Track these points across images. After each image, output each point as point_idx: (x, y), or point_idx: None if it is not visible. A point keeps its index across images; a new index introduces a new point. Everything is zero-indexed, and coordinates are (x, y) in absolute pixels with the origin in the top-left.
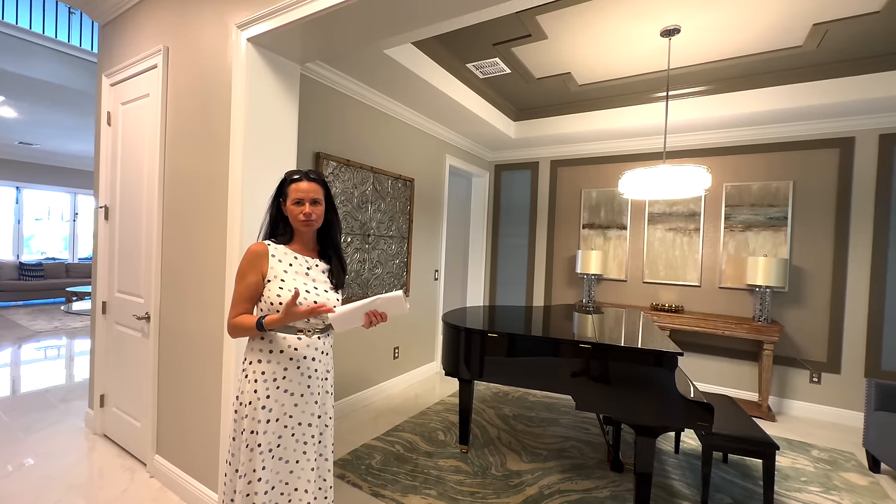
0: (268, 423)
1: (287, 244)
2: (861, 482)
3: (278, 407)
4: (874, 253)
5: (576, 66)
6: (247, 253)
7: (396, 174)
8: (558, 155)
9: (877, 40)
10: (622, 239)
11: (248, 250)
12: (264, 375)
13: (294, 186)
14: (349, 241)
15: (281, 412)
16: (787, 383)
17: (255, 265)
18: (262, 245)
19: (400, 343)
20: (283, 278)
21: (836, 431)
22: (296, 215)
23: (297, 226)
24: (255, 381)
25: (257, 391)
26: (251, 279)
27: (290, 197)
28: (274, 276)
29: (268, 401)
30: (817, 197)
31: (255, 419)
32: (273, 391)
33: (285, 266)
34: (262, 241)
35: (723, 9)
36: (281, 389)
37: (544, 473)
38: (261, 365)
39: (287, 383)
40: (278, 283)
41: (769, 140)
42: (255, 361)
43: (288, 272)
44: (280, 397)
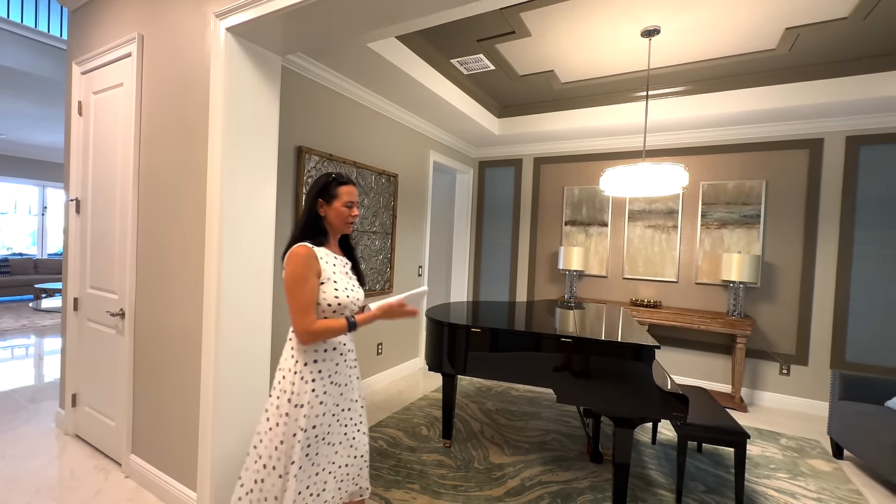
0: (323, 416)
1: (321, 245)
2: (825, 468)
3: (330, 399)
4: (840, 250)
5: (559, 64)
6: (297, 258)
7: (380, 169)
8: (541, 152)
9: (844, 45)
10: (603, 236)
11: (296, 254)
12: (321, 374)
13: (346, 189)
14: None
15: (332, 403)
16: (758, 375)
17: (311, 267)
18: (308, 247)
19: (384, 339)
20: (335, 279)
21: (803, 421)
22: (345, 217)
23: (341, 227)
24: (311, 381)
25: (315, 390)
26: (312, 282)
27: (341, 198)
28: (327, 278)
29: (324, 396)
30: (788, 196)
31: (310, 416)
32: (328, 386)
33: (332, 267)
34: (304, 244)
35: (701, 11)
36: (333, 384)
37: (526, 466)
38: (317, 365)
39: (337, 377)
40: (332, 284)
41: (743, 140)
42: (310, 363)
43: (336, 272)
44: (332, 391)
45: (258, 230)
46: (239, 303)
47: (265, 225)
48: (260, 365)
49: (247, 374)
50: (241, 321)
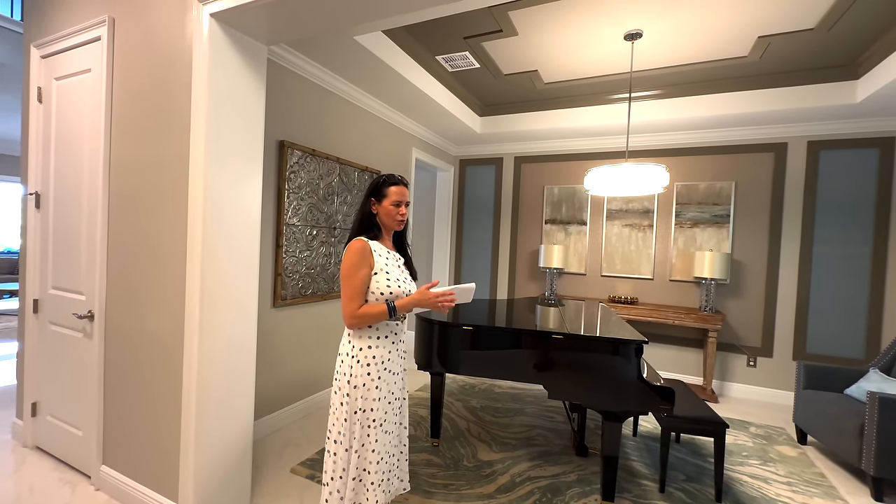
0: (378, 402)
1: (376, 240)
2: (792, 454)
3: (385, 386)
4: (802, 248)
5: (543, 63)
6: (353, 250)
7: (363, 166)
8: (522, 151)
9: (809, 55)
10: (582, 234)
11: (351, 247)
12: (375, 359)
13: (396, 189)
14: (314, 234)
15: (387, 391)
16: (727, 367)
17: (365, 259)
18: (364, 241)
19: None
20: (387, 271)
21: (769, 409)
22: (394, 215)
23: (392, 224)
24: (367, 365)
25: (370, 374)
26: (364, 272)
27: (390, 198)
28: (380, 269)
29: (379, 381)
30: (755, 197)
31: (367, 398)
32: (382, 373)
33: (384, 260)
34: (360, 238)
35: (682, 16)
36: (388, 371)
37: (514, 462)
38: (371, 350)
39: (391, 364)
40: (384, 275)
41: (715, 143)
42: (365, 347)
43: (388, 265)
44: (387, 377)
45: (244, 227)
46: (223, 303)
47: (251, 222)
48: (245, 367)
49: (232, 377)
50: (227, 321)
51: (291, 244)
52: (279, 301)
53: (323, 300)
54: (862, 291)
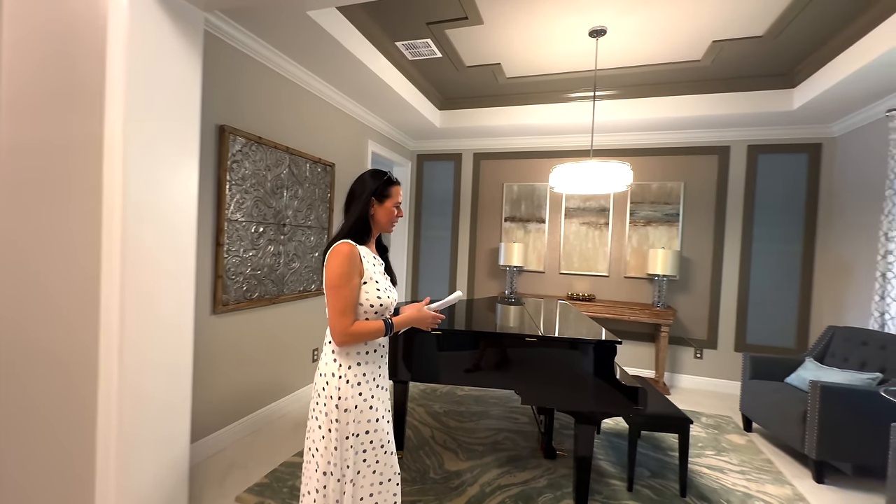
0: (377, 422)
1: (363, 244)
2: (740, 441)
3: (381, 404)
4: (742, 246)
5: (507, 57)
6: (342, 254)
7: (315, 157)
8: (482, 147)
9: (755, 62)
10: (541, 232)
11: (341, 252)
12: (366, 377)
13: (397, 189)
14: (261, 231)
15: (384, 409)
16: (676, 360)
17: (356, 266)
18: (353, 245)
19: (319, 344)
20: (376, 280)
21: (715, 399)
22: (392, 217)
23: (387, 227)
24: (358, 385)
25: (362, 393)
26: (355, 281)
27: (392, 198)
28: (370, 278)
29: (372, 400)
30: (701, 197)
31: (360, 421)
32: (374, 390)
33: (373, 266)
34: (347, 241)
35: (644, 15)
36: (380, 387)
37: (483, 470)
38: (360, 367)
39: (382, 380)
40: (374, 284)
41: (667, 144)
42: (353, 365)
43: (376, 273)
44: (380, 395)
45: (176, 223)
46: (151, 314)
47: (185, 217)
48: (179, 388)
49: (162, 403)
50: (155, 336)
51: (234, 242)
52: (220, 307)
53: (272, 304)
54: (793, 286)
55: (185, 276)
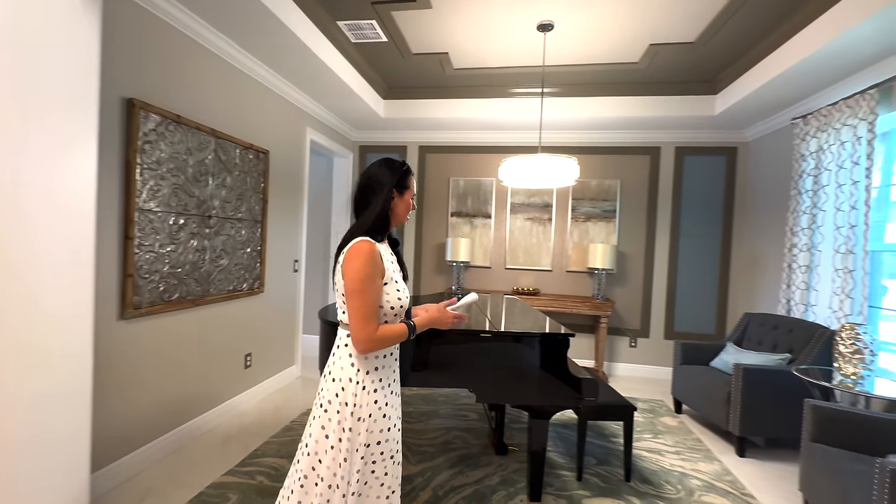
0: (389, 432)
1: (380, 241)
2: (673, 423)
3: (394, 412)
4: (671, 241)
5: (455, 46)
6: (363, 253)
7: (247, 143)
8: (427, 140)
9: (684, 68)
10: (487, 227)
11: (363, 251)
12: (381, 383)
13: (413, 180)
14: (181, 223)
15: (396, 416)
16: (613, 349)
17: (378, 267)
18: (372, 243)
19: (252, 348)
20: (395, 279)
21: (649, 384)
22: (409, 210)
23: (402, 219)
24: (374, 392)
25: (377, 401)
26: (378, 283)
27: (410, 190)
28: (390, 278)
29: (386, 408)
30: (636, 194)
31: (373, 431)
32: (389, 397)
33: (391, 265)
34: (367, 239)
35: (589, 13)
36: (394, 393)
37: (434, 472)
38: (377, 373)
39: (395, 386)
40: (394, 285)
41: (605, 144)
42: (371, 371)
43: (395, 272)
44: (393, 401)
45: (67, 212)
46: (33, 320)
47: (80, 205)
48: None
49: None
50: (40, 347)
51: (148, 236)
52: (130, 310)
53: (195, 306)
54: (713, 277)
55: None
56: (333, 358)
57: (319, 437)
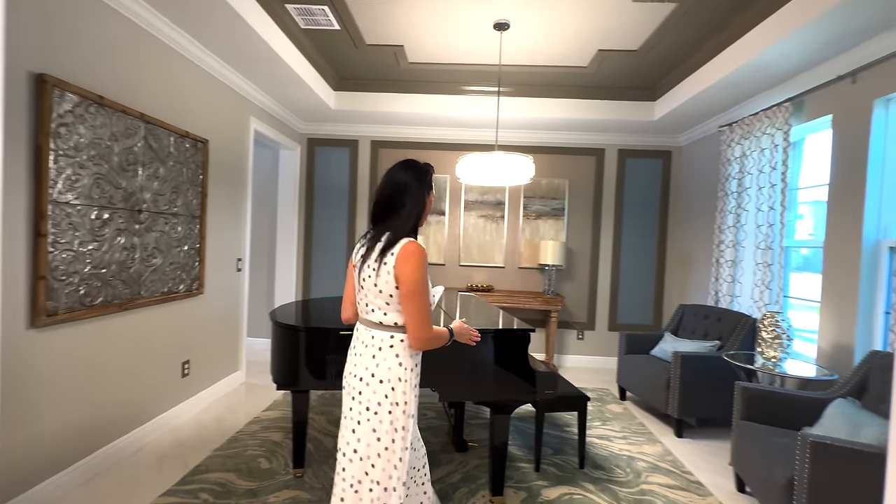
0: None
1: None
2: (618, 410)
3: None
4: (614, 238)
5: (411, 39)
6: (420, 255)
7: (183, 131)
8: (380, 135)
9: (629, 75)
10: (441, 225)
11: (415, 253)
12: (417, 379)
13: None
14: (105, 218)
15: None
16: (563, 342)
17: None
18: (420, 244)
19: (191, 355)
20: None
21: (595, 374)
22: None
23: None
24: (415, 387)
25: (416, 396)
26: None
27: (433, 192)
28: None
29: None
30: (582, 193)
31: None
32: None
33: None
34: (414, 240)
35: (543, 14)
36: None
37: None
38: (417, 368)
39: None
40: (430, 287)
41: (555, 144)
42: (414, 367)
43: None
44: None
45: None
46: None
47: None
48: None
49: None
50: None
51: (65, 232)
52: (44, 317)
53: (123, 310)
54: (650, 272)
55: None
56: (374, 360)
57: (371, 441)
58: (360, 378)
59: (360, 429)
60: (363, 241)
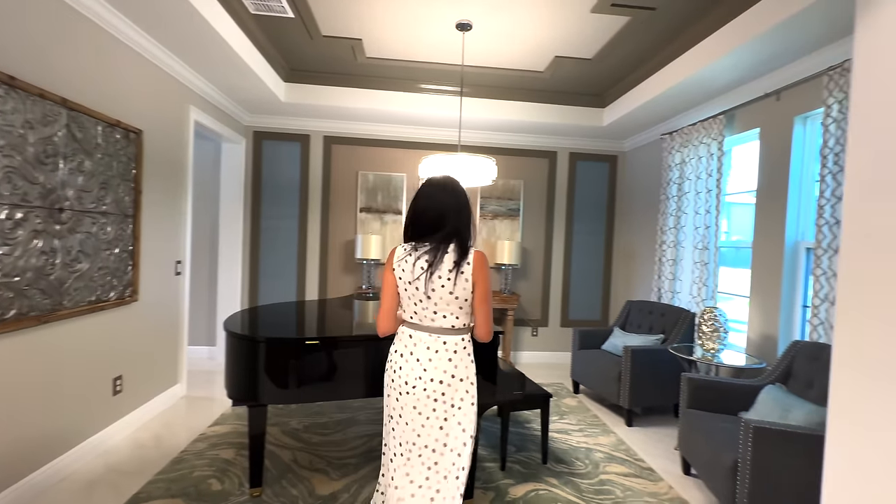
0: None
1: None
2: (573, 403)
3: None
4: (566, 238)
5: (370, 33)
6: (487, 262)
7: (113, 119)
8: (334, 131)
9: (582, 82)
10: (398, 224)
11: (486, 259)
12: None
13: None
14: (19, 217)
15: None
16: (518, 339)
17: None
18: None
19: (123, 369)
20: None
21: (549, 369)
22: None
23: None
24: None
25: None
26: None
27: None
28: None
29: None
30: (536, 194)
31: None
32: None
33: None
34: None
35: (505, 17)
36: None
37: (361, 485)
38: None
39: None
40: None
41: (511, 145)
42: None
43: None
44: None
45: None
46: None
47: None
48: None
49: None
50: None
51: None
52: None
53: (42, 323)
54: (598, 270)
55: None
56: (452, 363)
57: (458, 434)
58: (440, 381)
59: (447, 425)
60: (416, 255)
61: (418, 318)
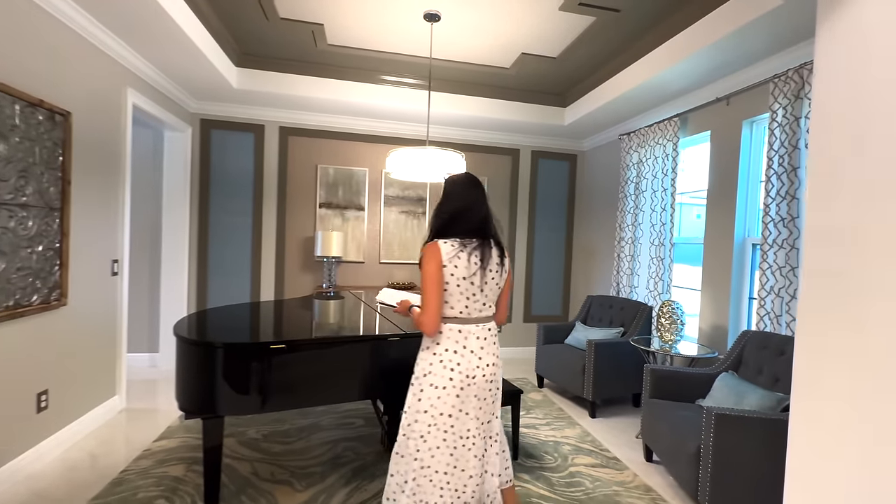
0: None
1: None
2: (538, 397)
3: None
4: (528, 234)
5: (333, 19)
6: None
7: (35, 99)
8: (291, 121)
9: (546, 80)
10: (360, 220)
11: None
12: None
13: None
14: None
15: None
16: None
17: None
18: None
19: (50, 383)
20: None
21: (513, 365)
22: None
23: None
24: None
25: None
26: None
27: None
28: None
29: None
30: (501, 190)
31: None
32: None
33: None
34: None
35: (472, 11)
36: None
37: (329, 495)
38: None
39: None
40: None
41: (475, 141)
42: None
43: None
44: None
45: None
46: None
47: None
48: None
49: None
50: None
51: None
52: None
53: None
54: (559, 266)
55: None
56: (496, 346)
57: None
58: (493, 363)
59: (495, 405)
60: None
61: (468, 311)
